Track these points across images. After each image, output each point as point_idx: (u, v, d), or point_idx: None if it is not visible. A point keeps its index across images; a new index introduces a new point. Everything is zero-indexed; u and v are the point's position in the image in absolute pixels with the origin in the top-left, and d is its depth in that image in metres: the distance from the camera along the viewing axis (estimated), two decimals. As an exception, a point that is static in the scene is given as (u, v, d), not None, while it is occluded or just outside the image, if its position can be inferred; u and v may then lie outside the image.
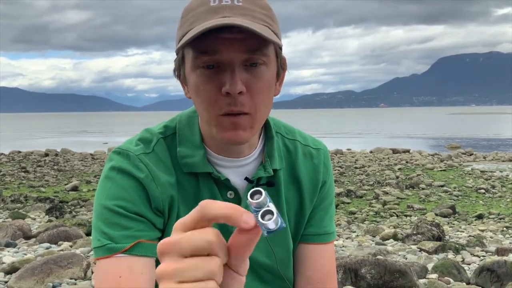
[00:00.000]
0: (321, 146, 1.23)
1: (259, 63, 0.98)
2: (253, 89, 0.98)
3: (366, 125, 65.96)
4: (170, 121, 1.15)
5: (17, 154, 20.01)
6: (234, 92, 0.95)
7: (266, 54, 0.98)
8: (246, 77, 0.97)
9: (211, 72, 0.97)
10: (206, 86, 0.98)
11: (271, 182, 1.12)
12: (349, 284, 3.93)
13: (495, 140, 31.01)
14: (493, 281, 4.17)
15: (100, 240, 1.02)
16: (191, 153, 1.09)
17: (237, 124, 0.99)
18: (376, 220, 8.58)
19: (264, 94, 1.00)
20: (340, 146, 21.05)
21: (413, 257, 5.41)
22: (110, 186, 1.05)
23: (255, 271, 1.14)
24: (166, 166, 1.08)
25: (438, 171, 14.33)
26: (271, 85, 1.03)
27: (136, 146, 1.09)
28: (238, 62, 0.96)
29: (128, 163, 1.05)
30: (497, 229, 7.76)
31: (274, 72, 1.03)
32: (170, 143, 1.11)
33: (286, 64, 1.08)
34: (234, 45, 0.95)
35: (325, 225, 1.22)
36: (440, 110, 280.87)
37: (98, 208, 1.05)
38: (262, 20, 0.98)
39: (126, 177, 1.04)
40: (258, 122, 1.03)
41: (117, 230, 1.01)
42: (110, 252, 1.01)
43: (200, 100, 1.00)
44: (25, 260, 4.64)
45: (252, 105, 0.99)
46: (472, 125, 58.74)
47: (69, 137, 42.23)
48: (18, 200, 10.04)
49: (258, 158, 1.13)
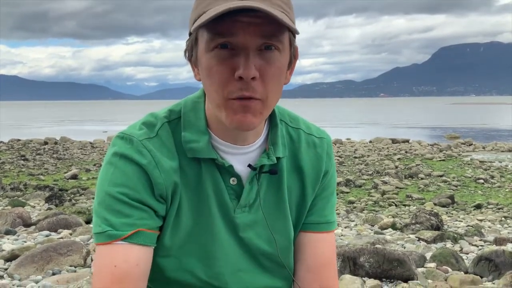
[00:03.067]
0: (325, 136, 1.23)
1: (274, 48, 0.97)
2: (266, 74, 0.97)
3: (365, 114, 65.90)
4: (175, 106, 1.14)
5: (17, 142, 20.01)
6: (248, 77, 0.94)
7: (281, 40, 0.97)
8: (259, 63, 0.96)
9: (225, 53, 0.96)
10: (219, 68, 0.97)
11: (274, 170, 1.12)
12: (348, 272, 3.95)
13: (494, 130, 31.01)
14: (491, 271, 4.19)
15: (100, 226, 1.02)
16: (196, 138, 1.08)
17: (247, 107, 0.97)
18: (375, 210, 8.60)
19: (275, 81, 0.99)
20: (340, 136, 21.08)
21: (412, 246, 5.43)
22: (112, 172, 1.04)
23: (256, 258, 1.15)
24: (170, 151, 1.07)
25: (437, 161, 14.34)
26: (283, 72, 1.02)
27: (140, 131, 1.07)
28: (253, 47, 0.95)
29: (131, 149, 1.04)
30: (495, 219, 7.78)
31: (286, 59, 1.02)
32: (175, 127, 1.10)
33: (298, 53, 1.07)
34: (250, 29, 0.94)
35: (326, 214, 1.22)
36: (440, 100, 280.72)
37: (101, 194, 1.04)
38: (280, 6, 0.96)
39: (129, 163, 1.03)
40: (268, 108, 1.02)
41: (118, 217, 1.01)
42: (109, 239, 1.01)
43: (211, 81, 0.99)
44: (25, 247, 4.65)
45: (264, 91, 0.98)
46: (471, 115, 58.71)
47: (69, 125, 42.18)
48: (17, 188, 10.05)
49: (262, 146, 1.13)
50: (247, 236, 1.12)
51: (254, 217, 1.12)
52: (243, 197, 1.10)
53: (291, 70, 1.06)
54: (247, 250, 1.13)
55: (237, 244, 1.12)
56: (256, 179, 1.11)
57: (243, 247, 1.12)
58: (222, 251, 1.11)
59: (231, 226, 1.11)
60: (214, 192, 1.09)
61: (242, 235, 1.11)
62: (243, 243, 1.12)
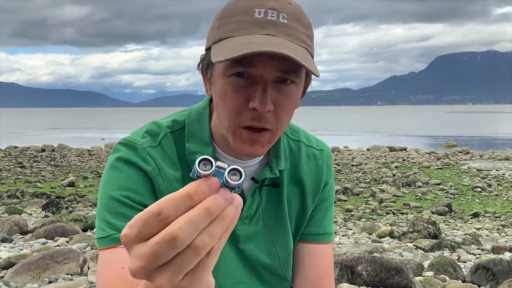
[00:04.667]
0: (325, 148, 1.23)
1: (290, 82, 0.97)
2: (280, 107, 0.97)
3: (363, 123, 65.98)
4: (179, 115, 1.13)
5: (14, 149, 19.98)
6: (263, 110, 0.94)
7: (299, 75, 0.97)
8: (275, 96, 0.95)
9: (242, 82, 0.95)
10: (234, 95, 0.96)
11: (277, 183, 1.12)
12: (346, 281, 3.94)
13: (491, 139, 31.08)
14: (488, 279, 4.18)
15: (105, 230, 1.01)
16: (200, 149, 1.07)
17: (256, 140, 0.98)
18: (372, 218, 8.59)
19: (289, 112, 1.00)
20: (337, 144, 21.09)
21: (409, 255, 5.42)
22: (117, 175, 1.03)
23: (256, 270, 1.14)
24: (172, 161, 1.07)
25: (434, 169, 14.36)
26: (297, 103, 1.02)
27: (143, 139, 1.07)
28: (270, 79, 0.95)
29: (135, 155, 1.04)
30: (493, 228, 7.79)
31: (301, 90, 1.02)
32: (178, 138, 1.09)
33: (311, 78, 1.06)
34: (271, 63, 0.93)
35: (325, 225, 1.22)
36: (437, 109, 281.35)
37: (104, 198, 1.03)
38: (303, 41, 0.96)
39: (134, 168, 1.03)
40: (277, 137, 1.02)
41: (123, 220, 1.00)
42: (115, 242, 1.00)
43: (224, 106, 0.98)
44: (21, 255, 4.63)
45: (276, 123, 0.97)
46: (469, 123, 58.87)
47: (66, 132, 42.13)
48: (14, 196, 10.02)
49: (264, 158, 1.13)
50: (247, 248, 1.12)
51: (254, 229, 1.12)
52: (244, 209, 1.10)
53: (302, 95, 1.06)
54: (247, 262, 1.13)
55: (237, 256, 1.12)
56: (258, 192, 1.11)
57: (243, 259, 1.12)
58: (222, 263, 1.09)
59: (232, 238, 1.10)
60: None
61: (242, 247, 1.11)
62: (243, 255, 1.12)
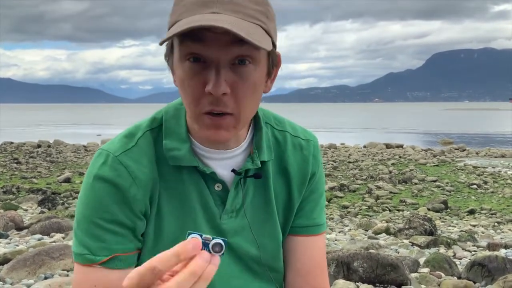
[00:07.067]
0: (311, 137, 1.21)
1: (248, 62, 0.94)
2: (238, 90, 0.94)
3: (360, 119, 66.06)
4: (157, 113, 1.12)
5: (9, 145, 19.90)
6: (217, 93, 0.92)
7: (255, 54, 0.94)
8: (232, 78, 0.93)
9: (196, 67, 0.94)
10: (190, 82, 0.95)
11: (258, 174, 1.11)
12: (342, 277, 3.95)
13: (488, 136, 31.17)
14: (484, 276, 4.20)
15: (78, 248, 1.04)
16: (177, 146, 1.06)
17: (218, 124, 0.97)
18: (368, 214, 8.61)
19: (249, 95, 0.97)
20: (334, 141, 21.09)
21: (405, 251, 5.44)
22: (88, 195, 1.04)
23: (245, 264, 1.14)
24: (150, 160, 1.06)
25: (431, 166, 14.39)
26: (259, 85, 0.99)
27: (118, 144, 1.07)
28: (225, 61, 0.92)
29: (106, 168, 1.03)
30: (488, 224, 7.82)
31: (263, 71, 0.99)
32: (156, 135, 1.09)
33: (280, 60, 1.04)
34: (222, 42, 0.91)
35: (315, 217, 1.20)
36: (433, 106, 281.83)
37: (79, 216, 1.05)
38: (254, 17, 0.93)
39: (104, 185, 1.03)
40: (242, 122, 1.00)
41: (95, 241, 1.02)
42: (88, 262, 1.02)
43: (185, 94, 0.98)
44: (17, 251, 4.62)
45: (236, 106, 0.96)
46: (465, 121, 58.99)
47: (62, 128, 42.02)
48: (10, 191, 10.00)
49: (246, 150, 1.11)
50: (235, 241, 1.11)
51: (241, 222, 1.11)
52: (228, 202, 1.09)
53: (272, 79, 1.04)
54: (236, 256, 1.12)
55: (226, 251, 1.12)
56: (241, 184, 1.10)
57: (232, 253, 1.11)
58: None
59: (218, 233, 1.09)
60: (199, 200, 1.08)
61: (230, 241, 1.10)
62: (231, 249, 1.11)
